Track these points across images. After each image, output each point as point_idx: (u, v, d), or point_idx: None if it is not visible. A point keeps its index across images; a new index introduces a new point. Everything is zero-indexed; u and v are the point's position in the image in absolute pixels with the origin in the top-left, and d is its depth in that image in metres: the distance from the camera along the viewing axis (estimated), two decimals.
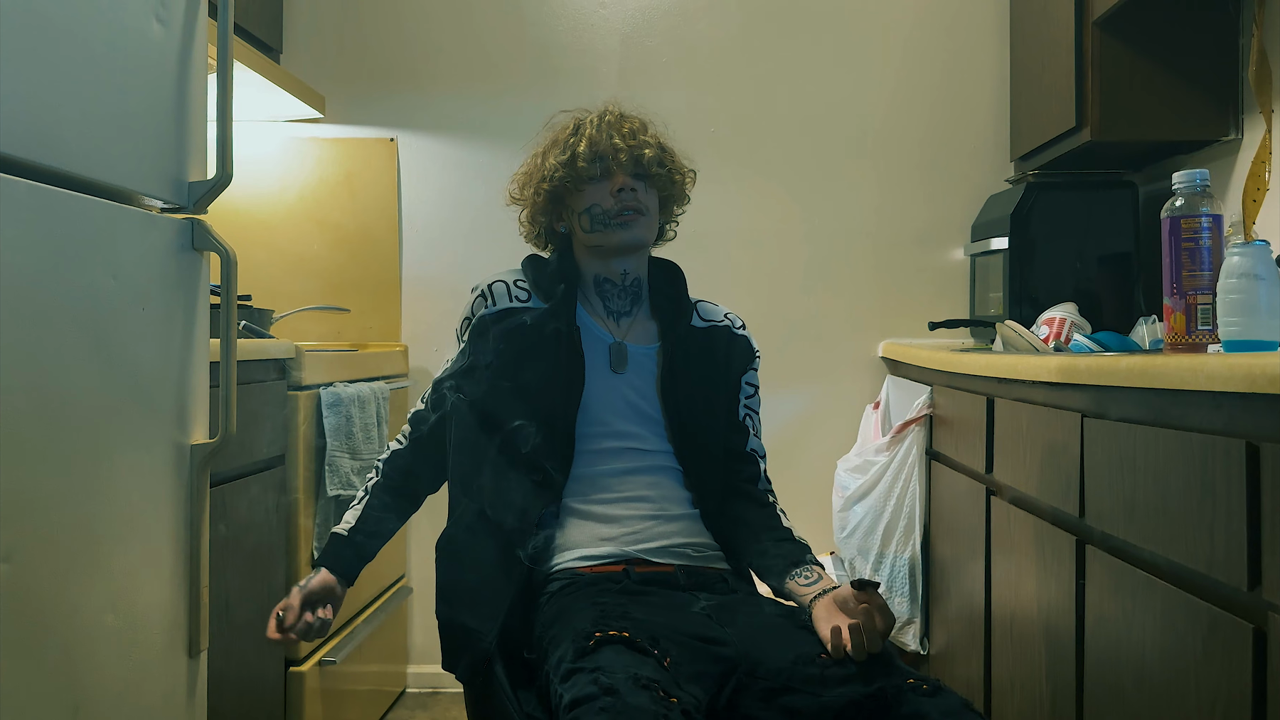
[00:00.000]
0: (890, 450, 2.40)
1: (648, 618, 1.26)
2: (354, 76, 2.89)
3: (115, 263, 1.25)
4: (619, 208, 1.49)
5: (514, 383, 1.46)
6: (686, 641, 1.23)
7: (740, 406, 1.57)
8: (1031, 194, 2.40)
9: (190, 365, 1.42)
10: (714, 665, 1.22)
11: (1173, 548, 1.14)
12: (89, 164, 1.21)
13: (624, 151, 1.50)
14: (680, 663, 1.18)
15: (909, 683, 1.15)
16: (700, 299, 1.62)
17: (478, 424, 1.47)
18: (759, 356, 1.62)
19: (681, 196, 1.60)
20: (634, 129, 1.53)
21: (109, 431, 1.24)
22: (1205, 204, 1.29)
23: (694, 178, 1.61)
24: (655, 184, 1.53)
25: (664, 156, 1.54)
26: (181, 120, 1.40)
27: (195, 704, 1.44)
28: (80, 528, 1.19)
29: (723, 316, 1.61)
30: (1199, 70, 2.15)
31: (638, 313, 1.56)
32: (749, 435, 1.57)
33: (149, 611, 1.33)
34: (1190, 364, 1.08)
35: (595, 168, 1.50)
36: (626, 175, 1.50)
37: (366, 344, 2.80)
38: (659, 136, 1.56)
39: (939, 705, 1.13)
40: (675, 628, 1.25)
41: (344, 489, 2.19)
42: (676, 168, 1.56)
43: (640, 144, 1.52)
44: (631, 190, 1.49)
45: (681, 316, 1.56)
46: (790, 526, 1.50)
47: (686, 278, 1.61)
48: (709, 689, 1.19)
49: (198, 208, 1.41)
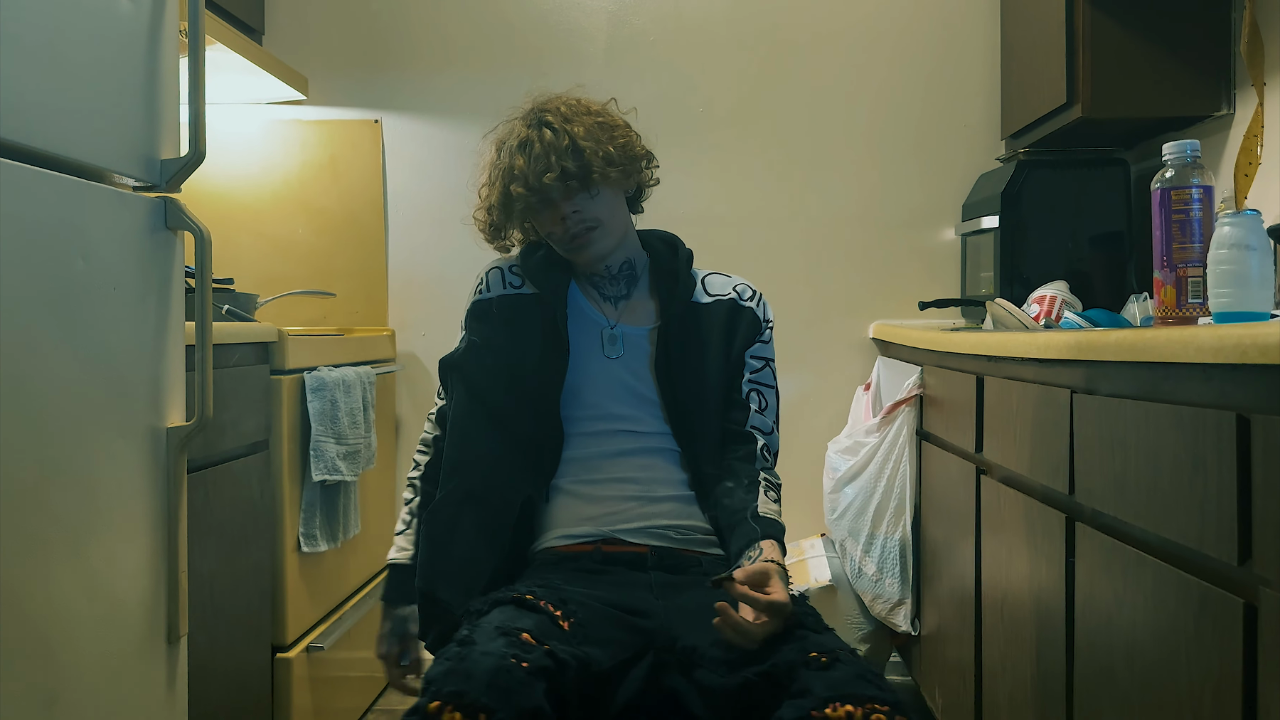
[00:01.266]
0: (881, 431, 2.39)
1: (578, 588, 1.29)
2: (337, 57, 2.85)
3: (85, 243, 1.22)
4: (569, 234, 1.48)
5: (502, 366, 1.48)
6: (605, 610, 1.27)
7: (744, 383, 1.52)
8: (1022, 172, 2.38)
9: (165, 347, 1.39)
10: (630, 635, 1.26)
11: (1163, 524, 1.13)
12: (56, 139, 1.18)
13: (552, 173, 1.43)
14: (587, 625, 1.22)
15: (811, 656, 1.16)
16: (713, 271, 1.59)
17: (470, 405, 1.50)
18: (770, 325, 1.56)
19: (630, 180, 1.52)
20: (552, 143, 1.44)
21: (81, 415, 1.21)
22: (1196, 175, 1.27)
23: (645, 156, 1.54)
24: (599, 184, 1.46)
25: (593, 160, 1.44)
26: (152, 96, 1.37)
27: (175, 691, 1.43)
28: (54, 513, 1.16)
29: (730, 289, 1.57)
30: (1191, 45, 2.13)
31: (635, 293, 1.55)
32: (749, 413, 1.51)
33: (126, 597, 1.31)
34: (1180, 336, 1.06)
35: (533, 199, 1.46)
36: (562, 199, 1.46)
37: (352, 329, 2.78)
38: (591, 125, 1.46)
39: (827, 679, 1.13)
40: (601, 598, 1.29)
41: (329, 474, 2.17)
42: (614, 160, 1.46)
43: (563, 157, 1.43)
44: (575, 213, 1.46)
45: (678, 293, 1.53)
46: (766, 510, 1.42)
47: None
48: (617, 655, 1.23)
49: (170, 186, 1.38)
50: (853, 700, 1.10)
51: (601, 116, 1.50)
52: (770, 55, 2.83)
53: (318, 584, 2.24)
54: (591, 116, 1.49)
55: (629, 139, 1.51)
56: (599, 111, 1.51)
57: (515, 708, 1.03)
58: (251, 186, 2.82)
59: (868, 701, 1.11)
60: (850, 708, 1.09)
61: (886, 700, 1.12)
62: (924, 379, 2.29)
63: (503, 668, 1.06)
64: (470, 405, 1.50)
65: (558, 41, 2.84)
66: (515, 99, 1.57)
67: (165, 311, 1.39)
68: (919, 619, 2.34)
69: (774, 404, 1.54)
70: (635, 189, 1.57)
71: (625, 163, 1.49)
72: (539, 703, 1.06)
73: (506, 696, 1.03)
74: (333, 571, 2.33)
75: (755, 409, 1.52)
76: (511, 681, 1.05)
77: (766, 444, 1.51)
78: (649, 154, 1.56)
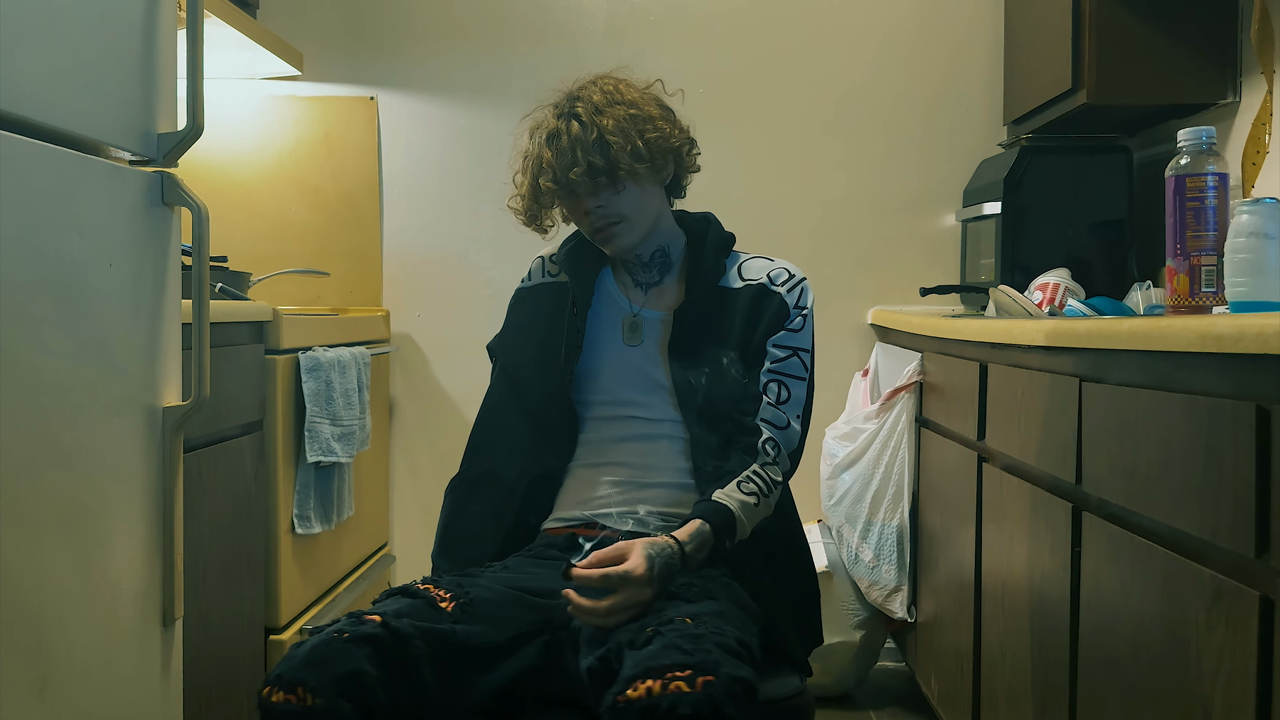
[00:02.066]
0: (879, 418, 2.38)
1: (495, 573, 1.37)
2: (332, 33, 2.81)
3: (81, 217, 1.19)
4: (593, 228, 1.48)
5: (529, 352, 1.55)
6: (506, 592, 1.33)
7: (762, 373, 1.47)
8: (1025, 158, 2.36)
9: (161, 325, 1.36)
10: (526, 613, 1.31)
11: (1175, 514, 1.12)
12: (50, 111, 1.15)
13: (579, 167, 1.41)
14: (479, 605, 1.28)
15: (646, 632, 1.16)
16: (757, 255, 1.56)
17: (498, 388, 1.59)
18: (802, 313, 1.49)
19: (662, 174, 1.49)
20: (579, 138, 1.41)
21: (76, 394, 1.19)
22: (1211, 162, 1.26)
23: (682, 145, 1.51)
24: (626, 180, 1.44)
25: (620, 156, 1.41)
26: (149, 68, 1.34)
27: (170, 675, 1.41)
28: (48, 493, 1.14)
29: (765, 274, 1.52)
30: (1197, 32, 2.11)
31: (667, 279, 1.55)
32: (761, 404, 1.46)
33: (120, 580, 1.29)
34: (1198, 326, 1.04)
35: (563, 192, 1.45)
36: (587, 195, 1.45)
37: (347, 309, 2.75)
38: (623, 117, 1.43)
39: (638, 656, 1.12)
40: (510, 580, 1.35)
41: (324, 455, 2.15)
42: (642, 155, 1.43)
43: (590, 152, 1.40)
44: (599, 208, 1.45)
45: (702, 277, 1.51)
46: (727, 497, 1.38)
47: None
48: (507, 631, 1.28)
49: (168, 160, 1.35)
50: (654, 674, 1.08)
51: (636, 107, 1.46)
52: (770, 36, 2.79)
53: (311, 566, 2.22)
54: (624, 107, 1.44)
55: (663, 131, 1.47)
56: (634, 100, 1.47)
57: (330, 675, 1.12)
58: (244, 164, 2.78)
59: (668, 671, 1.08)
60: (650, 683, 1.07)
61: (689, 664, 1.08)
62: (924, 365, 2.28)
63: (321, 644, 1.16)
64: (498, 388, 1.58)
65: (557, 19, 2.80)
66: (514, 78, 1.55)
67: (162, 288, 1.36)
68: (915, 606, 2.34)
69: (801, 396, 1.48)
70: (674, 177, 1.54)
71: (655, 157, 1.46)
72: (358, 666, 1.14)
73: (322, 667, 1.13)
74: (326, 553, 2.31)
75: (770, 401, 1.46)
76: (329, 653, 1.15)
77: (773, 438, 1.45)
78: (688, 141, 1.53)
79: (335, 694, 1.12)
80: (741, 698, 1.08)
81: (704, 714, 1.05)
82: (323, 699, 1.11)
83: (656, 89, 1.54)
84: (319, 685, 1.12)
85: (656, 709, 1.06)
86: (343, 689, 1.12)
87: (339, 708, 1.11)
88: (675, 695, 1.06)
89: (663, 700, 1.06)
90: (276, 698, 1.12)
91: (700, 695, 1.06)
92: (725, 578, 1.38)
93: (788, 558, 1.52)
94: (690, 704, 1.05)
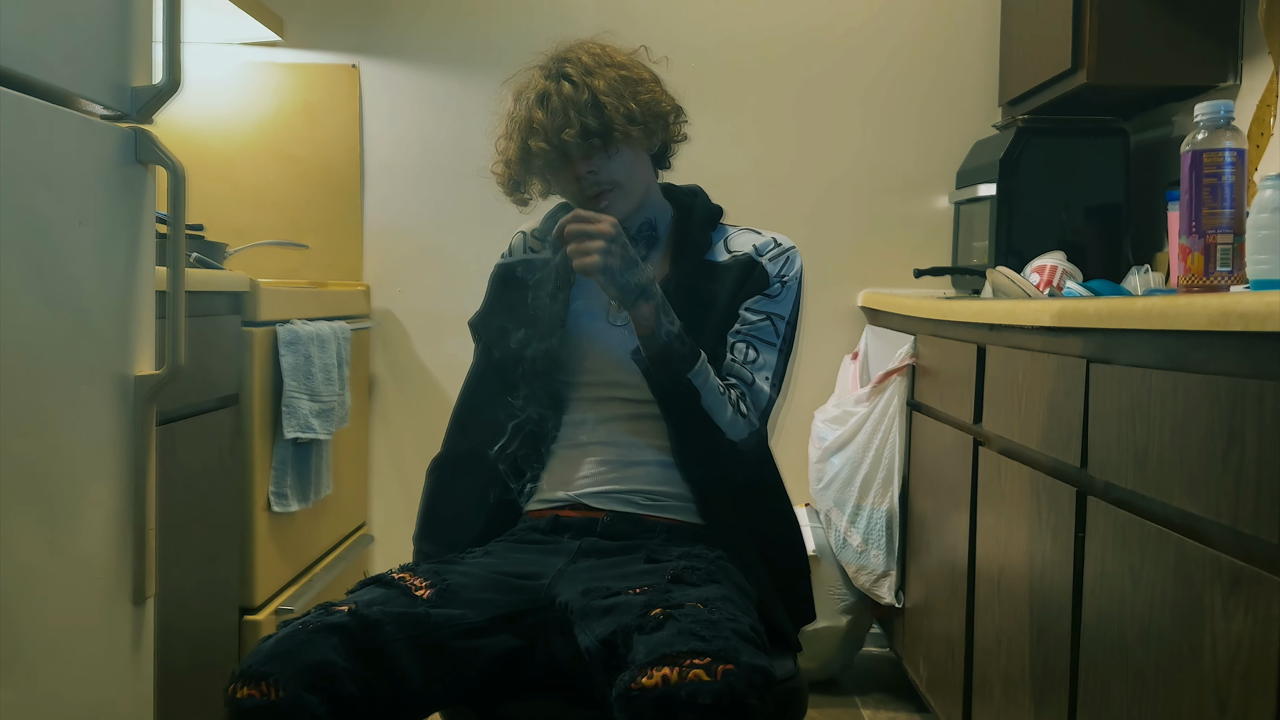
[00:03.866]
0: (870, 401, 2.34)
1: (476, 559, 1.35)
2: None
3: (50, 172, 1.13)
4: (584, 196, 1.41)
5: (509, 330, 1.47)
6: (488, 575, 1.30)
7: (731, 333, 1.43)
8: (1021, 139, 2.33)
9: (135, 289, 1.30)
10: (506, 595, 1.27)
11: (1190, 499, 1.08)
12: (15, 56, 1.08)
13: (571, 128, 1.35)
14: (457, 590, 1.25)
15: (653, 614, 1.13)
16: (744, 228, 1.51)
17: (479, 365, 1.53)
18: (783, 281, 1.46)
19: (653, 139, 1.45)
20: (572, 98, 1.36)
21: (45, 359, 1.13)
22: (1229, 138, 1.22)
23: (671, 111, 1.46)
24: (620, 143, 1.39)
25: (615, 117, 1.36)
26: (124, 17, 1.27)
27: (141, 653, 1.35)
28: (14, 463, 1.08)
29: (751, 245, 1.48)
30: (1200, 14, 2.08)
31: (654, 254, 1.49)
32: (726, 360, 1.41)
33: (90, 555, 1.23)
34: (1219, 304, 1.01)
35: (554, 155, 1.39)
36: (580, 157, 1.39)
37: (326, 283, 2.68)
38: (614, 79, 1.39)
39: (650, 641, 1.09)
40: (490, 565, 1.33)
41: (302, 432, 2.09)
42: (636, 117, 1.38)
43: (584, 113, 1.35)
44: (591, 173, 1.39)
45: (686, 251, 1.47)
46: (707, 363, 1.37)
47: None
48: (487, 612, 1.24)
49: (142, 115, 1.29)
50: (669, 661, 1.05)
51: (626, 69, 1.41)
52: (761, 12, 2.74)
53: (288, 545, 2.16)
54: (615, 69, 1.40)
55: (654, 94, 1.42)
56: (624, 63, 1.42)
57: (295, 666, 1.10)
58: (221, 131, 2.70)
59: (686, 658, 1.04)
60: (666, 670, 1.04)
61: (707, 651, 1.05)
62: (918, 348, 2.24)
63: (286, 635, 1.14)
64: (480, 366, 1.52)
65: None
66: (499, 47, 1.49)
67: (135, 252, 1.30)
68: (903, 591, 2.31)
69: (771, 360, 1.43)
70: (661, 146, 1.49)
71: (648, 120, 1.41)
72: (324, 656, 1.12)
73: (287, 659, 1.11)
74: (303, 532, 2.25)
75: (735, 359, 1.42)
76: (293, 644, 1.12)
77: (745, 394, 1.41)
78: (677, 109, 1.48)
79: (300, 686, 1.09)
80: (761, 688, 1.05)
81: (725, 705, 1.01)
82: (288, 691, 1.09)
83: (641, 55, 1.48)
84: (284, 677, 1.10)
85: (674, 698, 1.02)
86: (308, 680, 1.10)
87: (304, 700, 1.09)
88: (695, 684, 1.02)
89: (681, 689, 1.02)
90: (242, 693, 1.10)
91: (721, 685, 1.02)
92: (724, 560, 1.34)
93: (777, 537, 1.49)
94: (711, 693, 1.01)
